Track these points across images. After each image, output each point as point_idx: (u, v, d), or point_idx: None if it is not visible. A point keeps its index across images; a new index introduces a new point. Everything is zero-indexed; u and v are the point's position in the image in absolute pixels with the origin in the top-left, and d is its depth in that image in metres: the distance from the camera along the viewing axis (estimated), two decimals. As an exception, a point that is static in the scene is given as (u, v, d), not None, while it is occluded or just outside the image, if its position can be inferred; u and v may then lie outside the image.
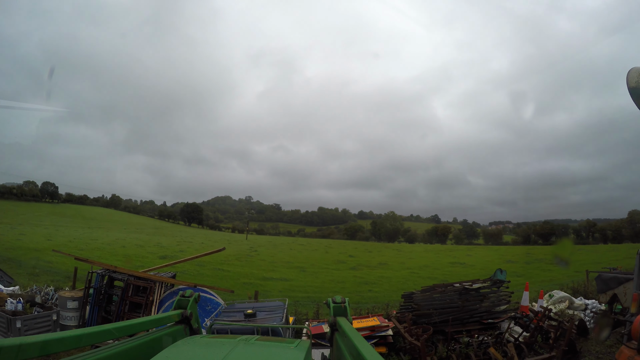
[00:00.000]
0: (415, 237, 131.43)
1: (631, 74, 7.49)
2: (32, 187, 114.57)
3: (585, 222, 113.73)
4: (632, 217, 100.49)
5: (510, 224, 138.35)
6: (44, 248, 31.87)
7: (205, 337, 3.27)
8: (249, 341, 2.90)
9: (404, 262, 40.24)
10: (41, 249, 31.43)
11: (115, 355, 2.44)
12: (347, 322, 3.45)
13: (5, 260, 20.02)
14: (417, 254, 54.89)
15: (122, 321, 2.89)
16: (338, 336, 3.35)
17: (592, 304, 12.65)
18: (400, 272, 34.21)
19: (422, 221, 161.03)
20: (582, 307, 12.57)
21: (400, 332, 9.09)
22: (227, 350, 2.57)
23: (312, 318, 11.92)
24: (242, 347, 2.71)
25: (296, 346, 2.80)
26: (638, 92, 7.38)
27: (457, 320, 10.00)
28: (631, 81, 7.41)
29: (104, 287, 10.59)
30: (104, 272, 10.71)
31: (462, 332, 9.76)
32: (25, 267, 22.36)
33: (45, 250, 30.38)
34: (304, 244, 79.56)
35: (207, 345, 2.96)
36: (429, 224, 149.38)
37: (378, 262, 39.27)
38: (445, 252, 58.27)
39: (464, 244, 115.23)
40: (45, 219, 72.79)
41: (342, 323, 3.39)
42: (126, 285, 10.19)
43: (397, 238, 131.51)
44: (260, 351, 2.81)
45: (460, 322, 10.04)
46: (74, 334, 2.22)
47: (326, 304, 4.04)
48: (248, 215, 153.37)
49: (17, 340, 1.87)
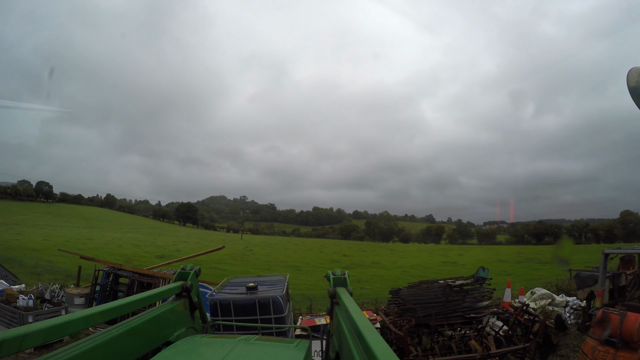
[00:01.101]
0: (410, 237, 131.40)
1: (631, 73, 7.58)
2: (26, 186, 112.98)
3: (578, 222, 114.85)
4: (624, 218, 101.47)
5: (504, 224, 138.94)
6: (42, 248, 32.30)
7: (205, 337, 3.30)
8: (249, 341, 2.95)
9: (397, 261, 40.87)
10: (40, 249, 31.86)
11: (118, 337, 2.45)
12: (346, 293, 3.54)
13: (6, 260, 20.39)
14: (410, 253, 55.59)
15: (126, 297, 2.91)
16: (338, 310, 3.39)
17: (573, 301, 13.31)
18: (392, 271, 34.79)
19: (417, 221, 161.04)
20: (563, 304, 13.23)
21: (386, 323, 9.76)
22: (227, 350, 2.61)
23: (305, 312, 12.56)
24: (242, 347, 2.75)
25: (296, 346, 2.85)
26: (638, 92, 7.44)
27: (441, 315, 10.66)
28: (631, 81, 7.49)
29: (110, 284, 11.19)
30: (110, 270, 11.30)
31: (445, 326, 10.45)
32: (26, 267, 22.81)
33: (45, 250, 30.77)
34: (298, 244, 79.92)
35: (207, 345, 3.01)
36: (423, 224, 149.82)
37: (371, 261, 39.89)
38: (438, 252, 58.97)
39: (458, 243, 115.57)
40: (41, 218, 72.36)
41: (341, 294, 3.47)
42: (131, 282, 10.79)
43: (392, 238, 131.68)
44: (260, 351, 2.85)
45: (444, 317, 10.69)
46: (82, 315, 2.23)
47: (326, 276, 4.11)
48: (243, 215, 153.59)
49: (23, 329, 1.84)
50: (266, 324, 9.29)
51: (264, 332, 9.24)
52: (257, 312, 9.32)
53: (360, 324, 2.27)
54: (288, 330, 9.68)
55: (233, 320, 9.38)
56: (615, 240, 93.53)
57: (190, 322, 3.65)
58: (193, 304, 3.72)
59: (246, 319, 9.31)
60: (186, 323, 3.56)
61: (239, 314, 9.47)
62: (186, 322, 3.57)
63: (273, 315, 9.37)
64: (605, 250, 8.39)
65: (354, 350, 2.26)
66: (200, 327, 3.91)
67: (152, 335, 2.92)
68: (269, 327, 8.93)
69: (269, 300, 9.34)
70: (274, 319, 9.38)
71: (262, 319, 9.32)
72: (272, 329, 9.22)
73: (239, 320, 9.35)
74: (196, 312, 3.82)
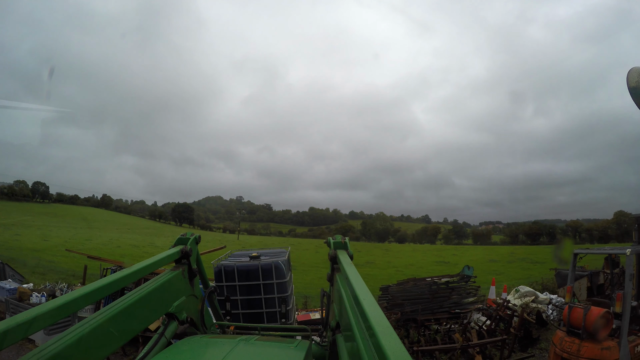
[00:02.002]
0: (406, 237, 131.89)
1: (631, 73, 7.62)
2: (22, 186, 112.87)
3: (573, 222, 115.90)
4: (618, 218, 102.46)
5: (500, 224, 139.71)
6: (43, 248, 32.64)
7: (205, 337, 3.25)
8: (249, 341, 2.93)
9: (391, 261, 41.39)
10: (40, 249, 32.16)
11: (118, 315, 2.44)
12: (346, 256, 3.54)
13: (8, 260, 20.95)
14: (405, 253, 56.09)
15: (127, 268, 2.84)
16: (339, 277, 3.37)
17: (555, 299, 14.03)
18: (386, 270, 35.37)
19: (412, 221, 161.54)
20: (546, 301, 13.95)
21: None
22: (227, 350, 2.61)
23: (300, 308, 13.23)
24: (242, 347, 2.75)
25: (296, 346, 2.84)
26: (638, 92, 7.47)
27: (427, 310, 11.38)
28: (631, 81, 7.52)
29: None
30: (116, 268, 11.93)
31: (432, 320, 11.17)
32: (29, 267, 23.30)
33: (45, 250, 31.09)
34: (294, 244, 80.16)
35: (207, 345, 2.98)
36: (419, 224, 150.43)
37: (366, 260, 40.35)
38: (432, 252, 59.55)
39: (453, 243, 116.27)
40: (38, 219, 72.12)
41: (341, 257, 3.46)
42: (138, 280, 11.40)
43: (388, 238, 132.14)
44: (260, 351, 2.85)
45: (431, 312, 11.42)
46: (83, 292, 2.19)
47: (326, 242, 4.10)
48: (239, 215, 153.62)
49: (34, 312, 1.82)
50: (268, 288, 9.62)
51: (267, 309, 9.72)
52: (260, 277, 9.55)
53: (359, 293, 2.25)
54: (290, 311, 9.92)
55: (237, 285, 9.65)
56: (609, 240, 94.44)
57: (189, 290, 3.60)
58: (192, 270, 3.66)
59: (250, 284, 9.55)
60: (185, 291, 3.51)
61: (242, 280, 9.67)
62: (185, 290, 3.52)
63: (275, 280, 9.61)
64: (575, 250, 9.03)
65: (352, 319, 2.26)
66: (200, 294, 3.87)
67: (151, 309, 2.91)
68: (273, 327, 8.30)
69: (272, 266, 9.60)
70: (276, 284, 9.59)
71: (265, 284, 9.55)
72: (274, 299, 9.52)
73: (243, 286, 9.66)
74: (195, 279, 3.77)
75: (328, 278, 3.96)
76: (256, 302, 9.93)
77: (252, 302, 9.92)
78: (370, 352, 1.68)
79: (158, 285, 3.01)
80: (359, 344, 1.90)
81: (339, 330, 2.98)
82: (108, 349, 2.32)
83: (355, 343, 1.98)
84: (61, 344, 1.97)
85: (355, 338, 2.00)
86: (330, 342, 3.39)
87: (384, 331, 1.60)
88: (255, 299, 9.84)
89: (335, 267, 3.66)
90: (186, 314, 3.33)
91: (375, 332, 1.60)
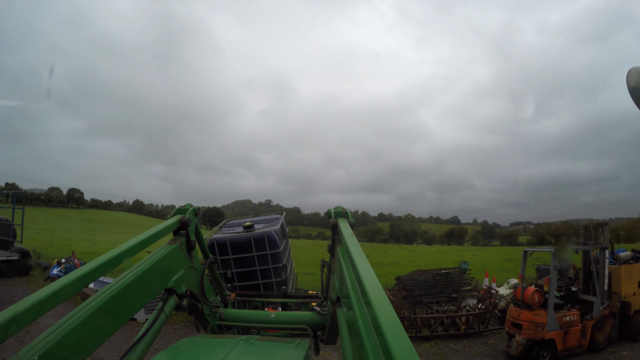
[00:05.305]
0: (434, 238, 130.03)
1: (631, 73, 7.98)
2: (57, 193, 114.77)
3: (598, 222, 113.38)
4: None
5: (531, 225, 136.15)
6: (97, 252, 33.74)
7: (205, 337, 3.28)
8: (249, 341, 2.97)
9: (414, 260, 43.28)
10: (95, 252, 33.14)
11: (116, 295, 2.34)
12: (346, 224, 3.49)
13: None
14: (429, 254, 57.47)
15: (125, 243, 2.70)
16: (340, 248, 3.31)
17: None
18: (408, 269, 36.96)
19: (442, 222, 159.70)
20: (532, 291, 17.50)
21: (388, 296, 14.23)
22: (227, 350, 2.63)
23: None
24: (242, 347, 2.77)
25: (296, 346, 2.88)
26: (638, 92, 8.64)
27: (431, 295, 15.32)
28: (631, 81, 7.83)
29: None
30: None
31: (434, 302, 15.06)
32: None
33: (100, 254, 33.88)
34: (324, 246, 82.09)
35: (207, 345, 2.99)
36: (448, 225, 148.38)
37: (391, 260, 42.62)
38: (455, 252, 60.98)
39: (482, 244, 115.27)
40: (76, 224, 73.15)
41: (342, 226, 3.40)
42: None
43: (416, 240, 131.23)
44: (260, 351, 2.89)
45: (434, 296, 15.35)
46: (85, 271, 2.15)
47: (326, 214, 4.05)
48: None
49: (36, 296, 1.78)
50: (262, 259, 9.55)
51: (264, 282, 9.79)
52: (253, 249, 9.51)
53: (359, 265, 2.22)
54: (288, 279, 10.08)
55: (231, 259, 9.62)
56: (635, 240, 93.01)
57: (188, 263, 3.51)
58: (190, 242, 3.55)
59: (243, 257, 9.53)
60: (184, 264, 3.41)
61: (236, 252, 9.61)
62: (184, 263, 3.42)
63: (269, 251, 9.51)
64: (525, 249, 12.78)
65: (351, 292, 2.27)
66: (200, 266, 3.80)
67: (150, 286, 2.82)
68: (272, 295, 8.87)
69: (264, 236, 9.46)
70: (270, 255, 9.51)
71: (258, 255, 9.52)
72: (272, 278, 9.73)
73: (237, 259, 9.66)
74: (194, 251, 3.68)
75: (329, 249, 3.95)
76: (252, 274, 9.87)
77: (248, 274, 9.88)
78: (367, 325, 1.76)
79: (156, 261, 2.92)
80: (357, 316, 1.99)
81: (339, 303, 3.00)
82: (104, 335, 2.22)
83: (354, 315, 2.05)
84: (58, 333, 1.89)
85: (354, 310, 2.08)
86: (331, 313, 3.53)
87: (380, 304, 1.65)
88: (250, 270, 9.85)
89: (336, 238, 3.59)
90: (185, 287, 3.29)
91: (372, 304, 1.66)
